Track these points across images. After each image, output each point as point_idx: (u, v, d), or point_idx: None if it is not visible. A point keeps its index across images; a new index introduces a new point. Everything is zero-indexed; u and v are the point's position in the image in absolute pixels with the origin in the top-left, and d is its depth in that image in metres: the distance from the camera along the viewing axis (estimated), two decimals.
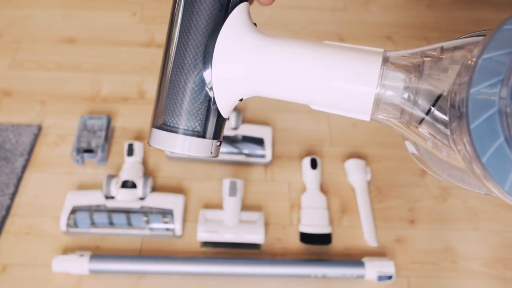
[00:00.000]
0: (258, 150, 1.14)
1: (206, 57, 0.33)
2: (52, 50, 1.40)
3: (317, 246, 1.03)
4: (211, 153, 0.36)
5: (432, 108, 0.31)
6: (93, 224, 1.00)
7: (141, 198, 1.04)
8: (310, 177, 1.12)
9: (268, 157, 1.14)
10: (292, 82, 0.33)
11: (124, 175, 1.06)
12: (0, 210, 1.04)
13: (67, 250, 1.00)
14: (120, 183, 1.04)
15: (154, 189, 1.09)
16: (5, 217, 1.04)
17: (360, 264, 0.97)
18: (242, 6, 0.35)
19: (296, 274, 0.97)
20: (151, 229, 1.01)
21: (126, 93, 1.30)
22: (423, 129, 0.32)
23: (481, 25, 1.55)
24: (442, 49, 0.31)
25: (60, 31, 1.45)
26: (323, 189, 1.12)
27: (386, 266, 0.97)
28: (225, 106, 0.35)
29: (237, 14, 0.34)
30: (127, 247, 1.01)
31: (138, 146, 1.12)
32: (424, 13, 1.60)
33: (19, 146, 1.15)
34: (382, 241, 1.05)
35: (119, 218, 1.01)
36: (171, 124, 0.34)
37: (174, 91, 0.34)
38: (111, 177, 1.05)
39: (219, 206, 1.07)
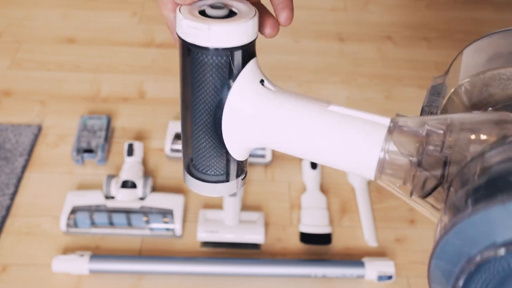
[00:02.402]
0: (258, 150, 1.14)
1: (217, 122, 0.35)
2: (52, 50, 1.40)
3: (317, 246, 1.03)
4: (237, 188, 0.39)
5: (430, 193, 0.32)
6: (93, 224, 1.00)
7: (141, 198, 1.04)
8: (310, 177, 1.12)
9: (268, 157, 1.14)
10: (297, 143, 0.35)
11: (124, 175, 1.05)
12: (0, 210, 1.04)
13: (67, 250, 1.00)
14: (120, 183, 1.04)
15: (154, 189, 1.09)
16: (5, 217, 1.04)
17: (360, 264, 0.97)
18: (249, 67, 0.34)
19: (296, 274, 0.97)
20: (151, 229, 1.01)
21: (126, 93, 1.30)
22: (426, 202, 0.32)
23: (481, 25, 1.55)
24: (448, 126, 0.31)
25: (60, 31, 1.45)
26: (323, 189, 1.12)
27: (386, 266, 0.97)
28: (240, 156, 0.38)
29: (244, 77, 0.34)
30: (127, 247, 1.01)
31: (138, 146, 1.12)
32: (424, 13, 1.60)
33: (19, 146, 1.15)
34: (382, 241, 1.05)
35: (119, 218, 1.01)
36: (199, 175, 0.38)
37: (196, 147, 0.37)
38: (111, 177, 1.05)
39: (219, 206, 1.07)
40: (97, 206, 1.02)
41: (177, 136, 1.14)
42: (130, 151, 1.11)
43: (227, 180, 0.38)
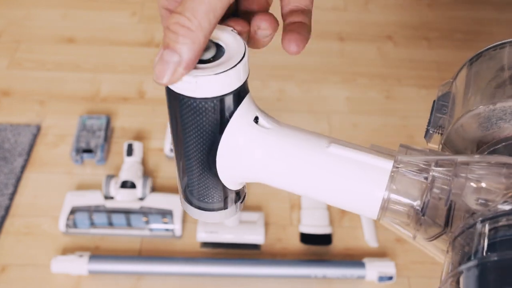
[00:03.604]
0: None
1: (211, 159, 0.34)
2: (51, 50, 1.39)
3: (317, 246, 1.03)
4: (236, 212, 0.39)
5: (434, 239, 0.30)
6: (92, 224, 1.00)
7: (141, 199, 1.04)
8: None
9: None
10: (292, 183, 0.34)
11: (124, 175, 1.05)
12: None
13: (66, 251, 0.99)
14: (119, 183, 1.04)
15: (154, 189, 1.09)
16: (4, 218, 1.03)
17: (360, 264, 0.97)
18: (242, 107, 0.33)
19: (296, 274, 0.97)
20: (151, 229, 1.01)
21: (126, 93, 1.29)
22: (431, 244, 0.31)
23: (482, 25, 1.55)
24: (454, 173, 0.29)
25: (59, 31, 1.45)
26: None
27: (387, 267, 0.96)
28: (236, 187, 0.37)
29: (237, 118, 0.33)
30: (127, 247, 1.01)
31: (137, 146, 1.12)
32: (425, 13, 1.60)
33: (18, 146, 1.15)
34: (383, 242, 1.04)
35: (118, 219, 1.00)
36: (197, 203, 0.37)
37: (191, 179, 0.36)
38: (110, 177, 1.05)
39: None
40: (96, 206, 1.01)
41: None
42: (130, 151, 1.10)
43: (226, 207, 0.38)
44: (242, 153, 0.33)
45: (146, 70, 1.35)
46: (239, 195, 0.38)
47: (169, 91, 0.32)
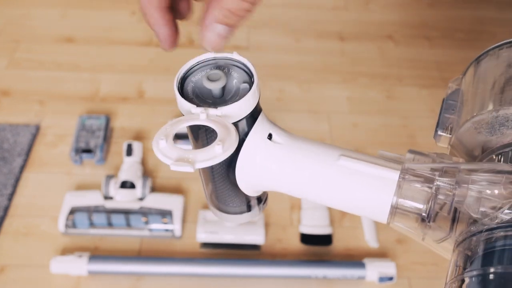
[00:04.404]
0: None
1: (231, 172, 0.37)
2: (50, 49, 1.39)
3: (317, 247, 1.02)
4: (260, 211, 0.42)
5: (441, 241, 0.32)
6: (91, 224, 1.00)
7: (140, 199, 1.03)
8: None
9: None
10: (306, 193, 0.36)
11: (123, 176, 1.05)
12: None
13: (66, 251, 0.99)
14: (119, 184, 1.03)
15: (153, 189, 1.08)
16: (2, 218, 1.03)
17: (361, 265, 0.96)
18: (256, 126, 0.35)
19: (296, 275, 0.96)
20: (150, 230, 1.00)
21: (125, 93, 1.29)
22: (439, 245, 0.33)
23: (483, 25, 1.54)
24: (458, 182, 0.31)
25: (58, 30, 1.44)
26: None
27: (387, 267, 0.96)
28: (256, 194, 0.40)
29: (252, 137, 0.35)
30: (126, 248, 1.01)
31: (137, 146, 1.11)
32: (426, 12, 1.59)
33: (17, 146, 1.14)
34: (383, 242, 1.04)
35: (118, 219, 1.00)
36: (223, 207, 0.41)
37: (215, 188, 0.39)
38: (109, 177, 1.05)
39: None
40: (95, 206, 1.01)
41: (176, 136, 1.13)
42: (129, 151, 1.10)
43: (249, 210, 0.41)
44: (258, 168, 0.36)
45: (145, 70, 1.35)
46: (261, 198, 0.41)
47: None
